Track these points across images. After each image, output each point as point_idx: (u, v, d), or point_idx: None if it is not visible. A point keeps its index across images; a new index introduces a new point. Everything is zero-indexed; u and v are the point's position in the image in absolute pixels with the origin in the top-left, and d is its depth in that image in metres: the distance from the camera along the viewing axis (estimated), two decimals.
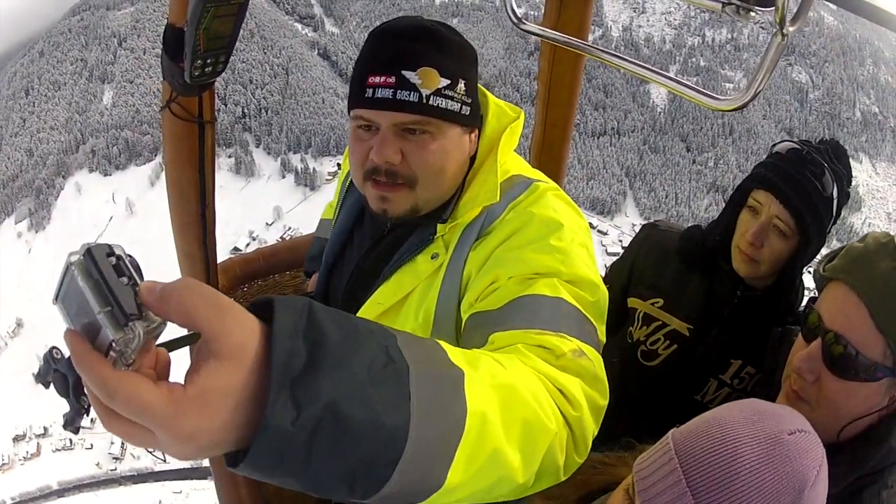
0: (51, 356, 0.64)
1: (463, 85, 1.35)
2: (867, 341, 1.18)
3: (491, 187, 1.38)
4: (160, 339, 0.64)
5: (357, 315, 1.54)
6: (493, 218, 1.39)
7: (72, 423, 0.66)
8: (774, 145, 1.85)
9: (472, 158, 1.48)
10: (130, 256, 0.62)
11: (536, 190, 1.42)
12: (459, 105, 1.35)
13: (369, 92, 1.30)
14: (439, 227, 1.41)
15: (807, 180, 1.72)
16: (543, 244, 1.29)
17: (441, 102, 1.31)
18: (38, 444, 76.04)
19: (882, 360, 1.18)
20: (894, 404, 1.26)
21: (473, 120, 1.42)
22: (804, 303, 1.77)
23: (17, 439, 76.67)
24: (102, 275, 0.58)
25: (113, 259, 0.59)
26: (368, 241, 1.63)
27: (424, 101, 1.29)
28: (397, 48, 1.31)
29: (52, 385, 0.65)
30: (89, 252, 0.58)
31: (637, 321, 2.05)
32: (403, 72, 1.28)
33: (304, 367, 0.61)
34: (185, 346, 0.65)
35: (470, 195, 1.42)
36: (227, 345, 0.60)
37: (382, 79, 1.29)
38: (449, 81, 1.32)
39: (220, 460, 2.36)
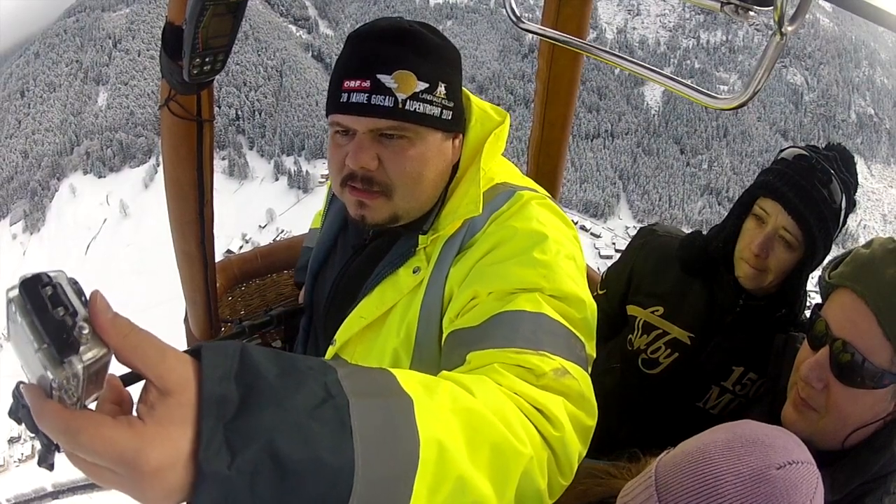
0: (18, 392, 0.61)
1: (443, 88, 1.29)
2: (874, 348, 1.17)
3: (472, 199, 1.32)
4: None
5: (340, 330, 1.47)
6: (475, 230, 1.33)
7: (45, 461, 0.64)
8: (781, 151, 1.79)
9: (457, 165, 1.41)
10: (73, 280, 0.58)
11: (520, 200, 1.35)
12: (439, 109, 1.29)
13: (344, 97, 1.26)
14: (420, 238, 1.36)
15: (816, 190, 1.66)
16: (526, 258, 1.23)
17: (418, 107, 1.26)
18: (32, 446, 75.73)
19: (889, 367, 1.17)
20: None
21: (456, 125, 1.36)
22: (807, 309, 1.78)
23: (12, 441, 76.32)
24: (37, 309, 0.54)
25: (49, 289, 0.55)
26: (351, 251, 1.59)
27: (400, 105, 1.24)
28: (373, 51, 1.26)
29: (23, 422, 0.62)
30: (23, 285, 0.55)
31: (637, 329, 2.01)
32: (378, 75, 1.24)
33: (237, 411, 0.60)
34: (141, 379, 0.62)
35: (451, 207, 1.36)
36: (171, 381, 0.60)
37: (357, 83, 1.25)
38: (427, 85, 1.27)
39: None
